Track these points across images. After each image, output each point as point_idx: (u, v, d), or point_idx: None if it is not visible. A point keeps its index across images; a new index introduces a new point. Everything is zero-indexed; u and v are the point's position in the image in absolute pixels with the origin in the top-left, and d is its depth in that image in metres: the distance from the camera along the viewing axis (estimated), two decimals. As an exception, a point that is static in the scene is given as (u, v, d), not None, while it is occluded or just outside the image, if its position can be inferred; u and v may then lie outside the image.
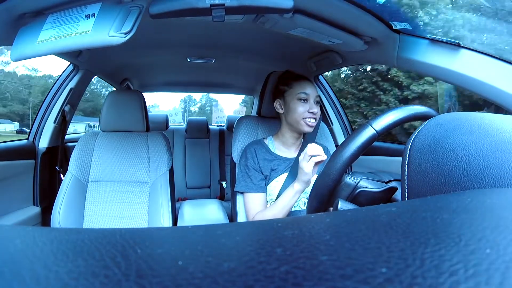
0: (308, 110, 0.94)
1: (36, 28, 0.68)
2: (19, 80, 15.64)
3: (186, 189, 2.17)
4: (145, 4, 0.69)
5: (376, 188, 0.48)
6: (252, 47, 1.34)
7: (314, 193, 0.49)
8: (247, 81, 2.14)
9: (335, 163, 0.46)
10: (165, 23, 0.99)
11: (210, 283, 0.11)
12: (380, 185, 0.49)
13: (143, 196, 1.15)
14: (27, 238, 0.15)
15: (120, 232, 0.17)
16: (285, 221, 0.19)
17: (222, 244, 0.15)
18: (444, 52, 0.77)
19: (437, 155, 0.32)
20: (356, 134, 0.47)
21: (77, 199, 1.11)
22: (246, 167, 0.97)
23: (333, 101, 1.58)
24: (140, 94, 1.21)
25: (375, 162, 1.38)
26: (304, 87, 0.96)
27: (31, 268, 0.12)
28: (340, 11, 0.78)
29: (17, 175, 1.25)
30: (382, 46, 0.90)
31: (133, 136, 1.21)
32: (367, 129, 0.47)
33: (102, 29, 0.65)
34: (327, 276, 0.12)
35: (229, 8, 0.70)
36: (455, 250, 0.13)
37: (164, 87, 2.46)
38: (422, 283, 0.11)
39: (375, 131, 0.47)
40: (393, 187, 0.49)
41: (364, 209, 0.22)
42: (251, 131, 1.09)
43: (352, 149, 0.46)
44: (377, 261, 0.13)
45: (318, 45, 1.04)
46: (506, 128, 0.31)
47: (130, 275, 0.12)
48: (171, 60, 1.65)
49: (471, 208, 0.20)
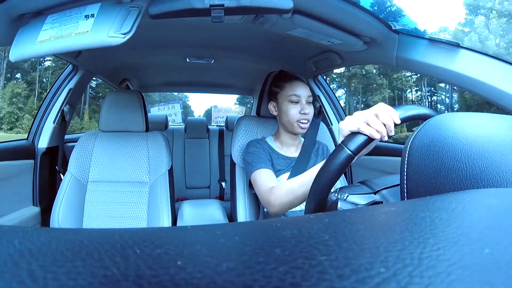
0: (300, 111, 0.94)
1: (35, 28, 0.68)
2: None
3: (185, 189, 2.17)
4: (144, 4, 0.69)
5: (362, 204, 0.47)
6: (251, 48, 1.34)
7: (312, 193, 0.49)
8: (246, 81, 2.14)
9: (336, 159, 0.46)
10: (164, 24, 0.99)
11: (208, 283, 0.11)
12: (369, 198, 0.48)
13: (142, 196, 1.15)
14: (26, 238, 0.15)
15: (119, 232, 0.17)
16: (284, 221, 0.19)
17: (221, 244, 0.15)
18: (444, 52, 0.77)
19: (436, 155, 0.32)
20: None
21: (76, 199, 1.11)
22: (252, 153, 0.93)
23: (333, 101, 1.59)
24: (140, 94, 1.21)
25: (375, 162, 1.39)
26: (295, 89, 0.96)
27: (29, 268, 0.12)
28: (339, 11, 0.78)
29: (16, 175, 1.25)
30: (381, 46, 0.90)
31: (133, 136, 1.21)
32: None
33: (101, 29, 0.65)
34: (326, 276, 0.12)
35: (228, 8, 0.70)
36: (454, 250, 0.13)
37: (163, 88, 2.45)
38: (420, 283, 0.11)
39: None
40: (377, 201, 0.47)
41: (363, 209, 0.22)
42: (250, 131, 1.09)
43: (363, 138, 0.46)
44: (375, 261, 0.13)
45: (317, 45, 1.04)
46: (505, 128, 0.31)
47: (129, 275, 0.12)
48: (170, 61, 1.65)
49: (470, 208, 0.20)
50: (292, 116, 0.95)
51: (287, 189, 0.74)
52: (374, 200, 0.47)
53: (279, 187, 0.78)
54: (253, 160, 0.91)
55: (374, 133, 0.45)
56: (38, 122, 1.40)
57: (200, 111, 15.98)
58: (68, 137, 1.64)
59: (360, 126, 0.46)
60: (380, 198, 0.47)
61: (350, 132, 0.47)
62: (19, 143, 1.34)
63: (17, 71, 13.43)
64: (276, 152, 0.99)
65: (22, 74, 13.82)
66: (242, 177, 1.05)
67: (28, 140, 1.38)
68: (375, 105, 0.50)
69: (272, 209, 0.78)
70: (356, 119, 0.47)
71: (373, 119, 0.47)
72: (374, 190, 0.49)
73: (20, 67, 13.37)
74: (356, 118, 0.48)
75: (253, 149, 0.95)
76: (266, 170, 0.89)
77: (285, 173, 0.95)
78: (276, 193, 0.77)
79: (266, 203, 0.81)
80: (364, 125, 0.46)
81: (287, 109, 0.95)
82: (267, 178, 0.86)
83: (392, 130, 0.48)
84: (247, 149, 0.97)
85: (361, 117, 0.47)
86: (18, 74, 13.82)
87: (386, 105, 0.49)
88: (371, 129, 0.45)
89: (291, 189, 0.74)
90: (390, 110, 0.48)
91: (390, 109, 0.48)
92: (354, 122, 0.47)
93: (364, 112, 0.49)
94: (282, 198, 0.75)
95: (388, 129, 0.47)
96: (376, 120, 0.47)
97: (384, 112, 0.48)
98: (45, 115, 1.40)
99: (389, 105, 0.49)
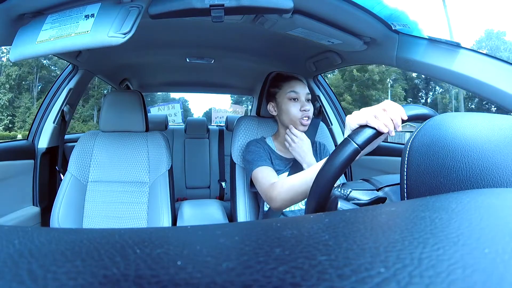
0: (300, 108, 0.95)
1: (35, 28, 0.68)
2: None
3: (185, 189, 2.17)
4: (144, 4, 0.69)
5: (365, 200, 0.47)
6: (251, 48, 1.34)
7: (315, 186, 0.49)
8: (246, 81, 2.14)
9: (338, 158, 0.45)
10: (164, 23, 0.99)
11: (208, 283, 0.11)
12: (372, 194, 0.48)
13: (142, 196, 1.15)
14: (26, 238, 0.15)
15: (119, 232, 0.17)
16: (284, 221, 0.19)
17: (221, 244, 0.15)
18: (443, 52, 0.77)
19: (436, 155, 0.32)
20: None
21: (76, 199, 1.11)
22: (253, 152, 0.94)
23: (333, 101, 1.59)
24: (140, 94, 1.21)
25: (375, 162, 1.39)
26: (293, 86, 0.96)
27: (29, 268, 0.12)
28: (339, 11, 0.78)
29: (16, 175, 1.25)
30: (381, 46, 0.90)
31: (133, 136, 1.21)
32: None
33: (101, 29, 0.65)
34: (325, 276, 0.12)
35: (228, 8, 0.70)
36: (454, 250, 0.13)
37: (163, 87, 2.45)
38: (420, 283, 0.11)
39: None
40: (381, 197, 0.47)
41: (363, 209, 0.22)
42: (250, 131, 1.09)
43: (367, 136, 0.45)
44: (375, 261, 0.13)
45: (317, 45, 1.04)
46: (505, 128, 0.31)
47: (129, 275, 0.12)
48: (170, 60, 1.65)
49: (470, 208, 0.20)
50: (293, 114, 0.95)
51: (288, 186, 0.75)
52: (377, 196, 0.47)
53: (280, 184, 0.79)
54: (254, 159, 0.92)
55: (382, 126, 0.45)
56: (38, 122, 1.40)
57: (199, 112, 16.03)
58: (68, 137, 1.64)
59: (369, 119, 0.46)
60: (383, 195, 0.47)
61: (358, 126, 0.47)
62: (19, 143, 1.34)
63: (50, 84, 15.29)
64: (275, 153, 0.99)
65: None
66: (242, 177, 1.05)
67: (28, 140, 1.38)
68: (382, 102, 0.51)
69: (274, 204, 0.79)
70: (364, 113, 0.48)
71: (382, 113, 0.47)
72: (377, 187, 0.49)
73: (51, 80, 14.77)
74: (364, 112, 0.48)
75: (253, 148, 0.95)
76: (267, 168, 0.90)
77: (284, 173, 0.96)
78: (278, 189, 0.78)
79: (268, 199, 0.82)
80: (372, 118, 0.46)
81: (287, 107, 0.96)
82: (268, 174, 0.87)
83: (399, 126, 0.48)
84: (247, 148, 0.97)
85: (370, 111, 0.48)
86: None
87: (393, 102, 0.50)
88: (379, 122, 0.46)
89: (292, 186, 0.74)
90: (398, 106, 0.49)
91: (397, 106, 0.49)
92: (362, 116, 0.47)
93: (372, 107, 0.49)
94: (284, 195, 0.76)
95: (395, 124, 0.48)
96: (384, 114, 0.47)
97: (392, 107, 0.48)
98: (45, 115, 1.40)
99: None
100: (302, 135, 0.93)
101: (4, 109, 21.28)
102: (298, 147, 0.91)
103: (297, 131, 0.93)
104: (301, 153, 0.90)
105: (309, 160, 0.90)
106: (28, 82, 21.37)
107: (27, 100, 20.59)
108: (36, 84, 18.82)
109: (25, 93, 21.46)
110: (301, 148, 0.90)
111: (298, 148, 0.91)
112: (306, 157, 0.90)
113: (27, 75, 21.26)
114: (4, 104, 21.16)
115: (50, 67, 21.62)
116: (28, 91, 21.50)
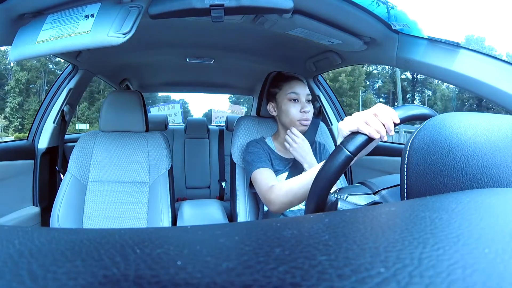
0: (300, 110, 0.95)
1: (35, 28, 0.68)
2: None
3: (185, 189, 2.17)
4: (144, 4, 0.69)
5: (361, 204, 0.48)
6: (251, 48, 1.34)
7: (312, 194, 0.49)
8: (246, 81, 2.14)
9: (337, 158, 0.45)
10: (164, 23, 0.99)
11: (208, 283, 0.11)
12: (369, 198, 0.48)
13: (142, 196, 1.15)
14: (26, 238, 0.15)
15: (119, 232, 0.17)
16: (284, 221, 0.19)
17: (221, 244, 0.15)
18: (443, 52, 0.77)
19: (436, 155, 0.32)
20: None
21: (76, 199, 1.11)
22: (253, 153, 0.94)
23: (333, 101, 1.59)
24: (140, 94, 1.21)
25: (375, 162, 1.39)
26: (294, 87, 0.96)
27: (29, 268, 0.12)
28: (339, 11, 0.78)
29: (16, 175, 1.25)
30: (381, 46, 0.90)
31: (133, 136, 1.21)
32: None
33: (101, 29, 0.65)
34: (325, 276, 0.12)
35: (228, 8, 0.70)
36: (454, 250, 0.13)
37: (163, 87, 2.45)
38: (420, 283, 0.11)
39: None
40: (377, 202, 0.47)
41: (363, 209, 0.22)
42: (250, 131, 1.09)
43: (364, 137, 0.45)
44: (375, 261, 0.13)
45: (317, 45, 1.04)
46: (505, 128, 0.31)
47: (129, 275, 0.12)
48: (170, 61, 1.65)
49: (470, 208, 0.20)
50: (293, 115, 0.95)
51: (286, 190, 0.76)
52: (373, 201, 0.47)
53: (279, 187, 0.79)
54: (254, 160, 0.92)
55: (373, 132, 0.45)
56: (38, 122, 1.40)
57: (198, 114, 16.19)
58: (68, 137, 1.64)
59: (360, 125, 0.46)
60: (379, 199, 0.47)
61: (350, 132, 0.47)
62: (19, 143, 1.34)
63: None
64: (275, 153, 0.99)
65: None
66: (242, 177, 1.05)
67: (28, 140, 1.38)
68: (374, 106, 0.50)
69: (273, 207, 0.80)
70: (355, 119, 0.47)
71: (372, 119, 0.47)
72: (374, 190, 0.48)
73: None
74: (355, 118, 0.48)
75: (253, 149, 0.95)
76: (267, 169, 0.90)
77: (283, 173, 0.96)
78: (276, 192, 0.79)
79: (267, 202, 0.82)
80: (363, 125, 0.46)
81: (287, 108, 0.96)
82: (268, 177, 0.88)
83: (391, 130, 0.48)
84: (247, 148, 0.97)
85: (360, 117, 0.48)
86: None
87: (384, 106, 0.49)
88: (370, 128, 0.45)
89: (290, 190, 0.75)
90: (389, 110, 0.48)
91: (389, 109, 0.48)
92: (353, 122, 0.47)
93: (363, 112, 0.49)
94: (282, 198, 0.77)
95: (387, 129, 0.47)
96: (375, 119, 0.47)
97: (383, 112, 0.48)
98: (45, 115, 1.40)
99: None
100: (302, 135, 0.93)
101: (15, 112, 22.91)
102: (300, 147, 0.91)
103: (298, 132, 0.94)
104: (302, 153, 0.91)
105: (310, 160, 0.90)
106: (36, 86, 23.32)
107: (36, 103, 22.16)
108: (44, 88, 20.22)
109: (33, 97, 23.21)
110: (302, 149, 0.91)
111: (299, 149, 0.91)
112: (307, 157, 0.90)
113: (35, 79, 23.16)
114: (14, 107, 22.78)
115: (56, 72, 22.95)
116: (36, 95, 23.29)
